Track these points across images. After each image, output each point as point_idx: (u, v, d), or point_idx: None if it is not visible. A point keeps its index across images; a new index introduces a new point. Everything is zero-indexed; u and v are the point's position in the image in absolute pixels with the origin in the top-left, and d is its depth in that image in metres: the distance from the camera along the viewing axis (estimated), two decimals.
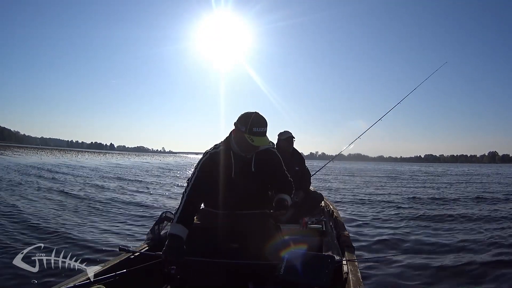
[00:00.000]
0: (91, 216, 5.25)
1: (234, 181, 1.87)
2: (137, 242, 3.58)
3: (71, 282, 1.40)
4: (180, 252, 1.65)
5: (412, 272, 3.04)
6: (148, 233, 2.14)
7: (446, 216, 6.00)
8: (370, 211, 6.62)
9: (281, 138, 3.35)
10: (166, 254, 1.64)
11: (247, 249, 1.75)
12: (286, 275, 1.48)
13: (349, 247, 2.06)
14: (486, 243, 4.03)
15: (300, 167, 3.41)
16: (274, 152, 2.03)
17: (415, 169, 36.10)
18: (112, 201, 6.93)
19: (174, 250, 1.65)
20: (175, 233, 1.70)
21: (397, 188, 12.63)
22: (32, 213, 5.11)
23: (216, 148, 1.94)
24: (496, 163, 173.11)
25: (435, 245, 3.97)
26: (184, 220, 1.75)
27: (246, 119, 1.81)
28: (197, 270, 1.67)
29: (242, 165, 1.89)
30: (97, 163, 26.51)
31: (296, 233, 2.41)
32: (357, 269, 1.62)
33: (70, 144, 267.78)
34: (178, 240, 1.68)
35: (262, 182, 1.94)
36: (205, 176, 1.86)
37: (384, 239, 4.25)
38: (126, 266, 1.64)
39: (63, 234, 3.97)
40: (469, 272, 3.08)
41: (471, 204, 7.85)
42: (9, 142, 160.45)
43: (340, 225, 2.72)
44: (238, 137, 1.85)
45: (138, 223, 4.91)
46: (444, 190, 11.83)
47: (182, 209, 1.78)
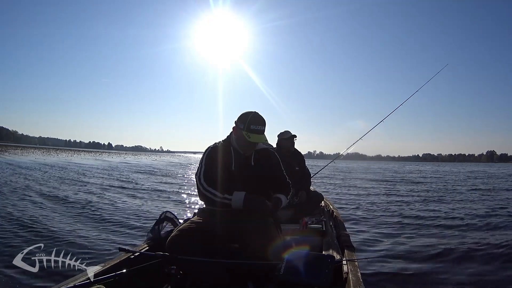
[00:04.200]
0: (91, 216, 5.24)
1: (233, 174, 1.93)
2: (137, 242, 3.57)
3: (71, 282, 1.40)
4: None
5: (412, 272, 3.04)
6: (148, 233, 2.14)
7: (447, 217, 6.02)
8: (370, 211, 6.63)
9: (283, 138, 3.36)
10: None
11: (247, 249, 1.75)
12: (286, 275, 1.48)
13: (349, 247, 2.06)
14: (488, 244, 4.02)
15: (300, 167, 3.41)
16: (273, 152, 2.10)
17: (415, 169, 36.14)
18: (112, 201, 6.93)
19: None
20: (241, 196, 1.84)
21: (398, 188, 12.64)
22: (32, 213, 5.11)
23: (217, 144, 2.03)
24: (494, 162, 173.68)
25: (435, 245, 3.97)
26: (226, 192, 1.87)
27: (245, 117, 1.90)
28: (197, 270, 1.67)
29: (242, 160, 1.96)
30: (90, 162, 26.44)
31: (296, 233, 2.41)
32: (357, 269, 1.61)
33: (68, 143, 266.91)
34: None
35: (261, 178, 1.98)
36: (211, 165, 1.94)
37: (385, 239, 4.26)
38: (126, 266, 1.64)
39: (63, 234, 3.97)
40: (470, 272, 3.09)
41: (473, 204, 7.85)
42: (7, 141, 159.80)
43: (340, 225, 2.72)
44: (237, 135, 1.94)
45: (138, 223, 4.90)
46: (445, 190, 11.84)
47: (214, 193, 1.86)
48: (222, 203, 1.86)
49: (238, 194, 1.85)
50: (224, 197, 1.86)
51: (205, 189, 1.89)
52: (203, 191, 1.90)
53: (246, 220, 1.83)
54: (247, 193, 1.85)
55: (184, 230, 1.81)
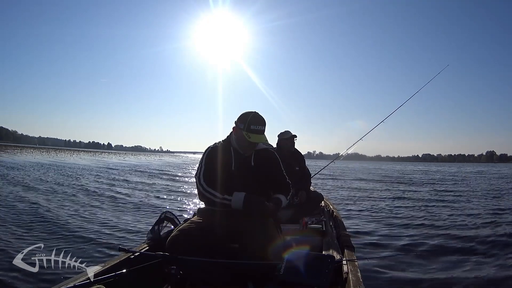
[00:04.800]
0: (91, 216, 5.23)
1: (233, 174, 1.93)
2: (137, 242, 3.57)
3: (71, 282, 1.39)
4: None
5: (413, 272, 3.04)
6: (148, 233, 2.13)
7: (447, 216, 6.03)
8: (370, 211, 6.63)
9: (283, 138, 3.35)
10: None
11: (247, 249, 1.75)
12: (286, 275, 1.48)
13: (349, 247, 2.06)
14: (488, 243, 4.03)
15: (300, 167, 3.41)
16: (273, 153, 2.09)
17: (416, 169, 36.15)
18: (112, 202, 6.92)
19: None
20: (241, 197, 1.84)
21: (398, 188, 12.65)
22: (32, 214, 5.10)
23: (217, 144, 2.03)
24: (494, 162, 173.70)
25: (435, 245, 3.97)
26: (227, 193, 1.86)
27: (245, 118, 1.90)
28: (197, 270, 1.67)
29: (242, 160, 1.96)
30: (87, 162, 26.41)
31: (296, 233, 2.41)
32: (357, 269, 1.61)
33: (67, 143, 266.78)
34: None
35: (261, 179, 1.98)
36: (211, 165, 1.94)
37: (385, 239, 4.26)
38: (126, 266, 1.64)
39: (63, 234, 3.96)
40: (470, 272, 3.09)
41: (474, 204, 7.86)
42: (7, 141, 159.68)
43: (340, 225, 2.72)
44: (237, 135, 1.94)
45: (138, 223, 4.90)
46: (445, 190, 11.83)
47: (213, 194, 1.86)
48: (222, 204, 1.86)
49: (238, 195, 1.84)
50: (224, 198, 1.86)
51: (205, 189, 1.89)
52: (203, 192, 1.89)
53: (246, 220, 1.83)
54: (247, 194, 1.85)
55: (184, 230, 1.81)
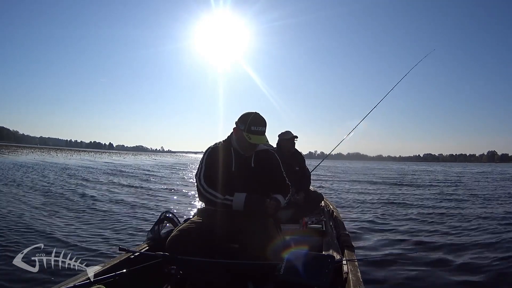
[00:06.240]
0: (91, 216, 5.24)
1: (234, 175, 1.93)
2: (137, 242, 3.57)
3: (71, 282, 1.40)
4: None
5: (413, 272, 3.03)
6: (148, 233, 2.14)
7: (447, 216, 6.01)
8: (370, 211, 6.62)
9: (284, 138, 3.35)
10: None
11: (247, 249, 1.75)
12: (286, 275, 1.48)
13: (349, 247, 2.06)
14: (489, 243, 4.02)
15: (300, 167, 3.41)
16: (273, 153, 2.10)
17: (416, 169, 36.11)
18: (112, 201, 6.93)
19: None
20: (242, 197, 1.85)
21: (398, 187, 12.63)
22: (32, 213, 5.11)
23: (218, 144, 2.03)
24: (495, 162, 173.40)
25: (436, 245, 3.96)
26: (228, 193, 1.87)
27: (245, 118, 1.90)
28: (197, 270, 1.67)
29: (242, 161, 1.96)
30: (87, 163, 26.46)
31: (296, 233, 2.41)
32: (357, 269, 1.61)
33: (68, 143, 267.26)
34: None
35: (261, 179, 1.97)
36: (211, 165, 1.94)
37: (385, 239, 4.25)
38: (126, 266, 1.64)
39: (63, 234, 3.97)
40: (470, 272, 3.08)
41: (474, 204, 7.84)
42: (8, 141, 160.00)
43: (340, 225, 2.72)
44: (238, 136, 1.94)
45: (138, 223, 4.90)
46: (446, 190, 11.81)
47: (214, 194, 1.87)
48: (223, 204, 1.86)
49: (239, 196, 1.85)
50: (225, 199, 1.86)
51: (205, 190, 1.89)
52: (203, 192, 1.90)
53: (246, 220, 1.83)
54: (248, 194, 1.85)
55: (184, 230, 1.81)
